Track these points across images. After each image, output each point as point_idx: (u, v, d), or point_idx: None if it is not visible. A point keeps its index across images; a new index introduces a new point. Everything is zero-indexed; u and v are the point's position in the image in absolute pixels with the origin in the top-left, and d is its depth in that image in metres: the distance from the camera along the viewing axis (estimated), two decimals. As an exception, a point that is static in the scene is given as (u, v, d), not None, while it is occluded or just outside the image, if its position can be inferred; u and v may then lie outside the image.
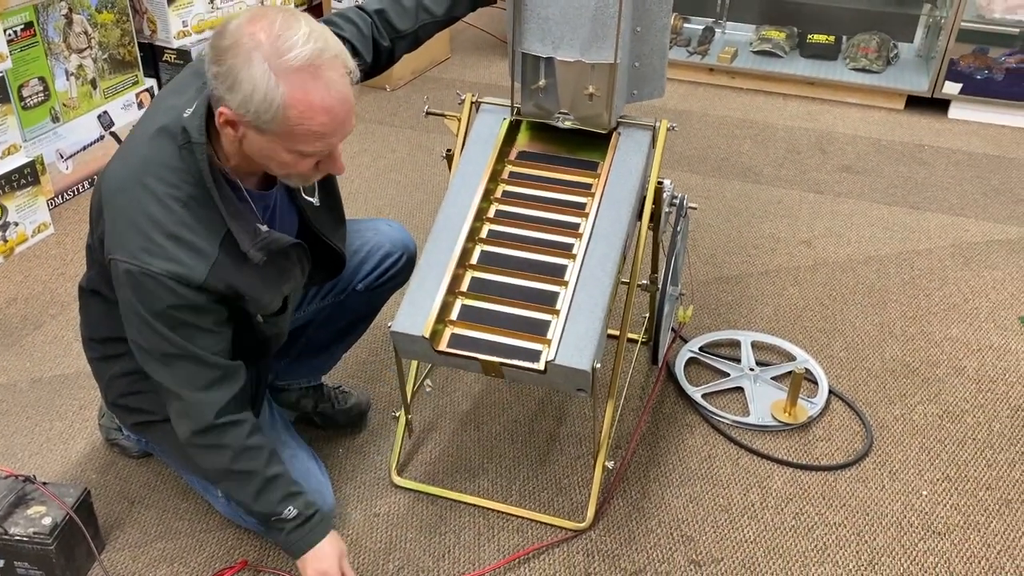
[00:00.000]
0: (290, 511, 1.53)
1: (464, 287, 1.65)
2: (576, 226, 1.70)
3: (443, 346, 1.59)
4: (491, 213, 1.73)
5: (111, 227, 1.40)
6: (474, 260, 1.68)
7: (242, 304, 1.46)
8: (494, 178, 1.76)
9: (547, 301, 1.61)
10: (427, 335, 1.56)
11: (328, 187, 1.66)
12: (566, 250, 1.67)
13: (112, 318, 1.58)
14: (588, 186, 1.75)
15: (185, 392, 1.45)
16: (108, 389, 1.69)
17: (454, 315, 1.62)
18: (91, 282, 1.61)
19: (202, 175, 1.36)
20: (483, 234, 1.71)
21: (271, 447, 1.55)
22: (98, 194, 1.45)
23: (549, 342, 1.56)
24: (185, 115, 1.37)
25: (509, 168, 1.80)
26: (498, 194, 1.76)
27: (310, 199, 1.59)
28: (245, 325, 1.52)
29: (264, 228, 1.43)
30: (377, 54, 1.71)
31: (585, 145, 1.81)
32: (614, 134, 1.79)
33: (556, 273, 1.65)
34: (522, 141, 1.84)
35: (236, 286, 1.42)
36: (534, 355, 1.56)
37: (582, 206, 1.72)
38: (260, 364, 1.64)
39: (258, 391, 1.67)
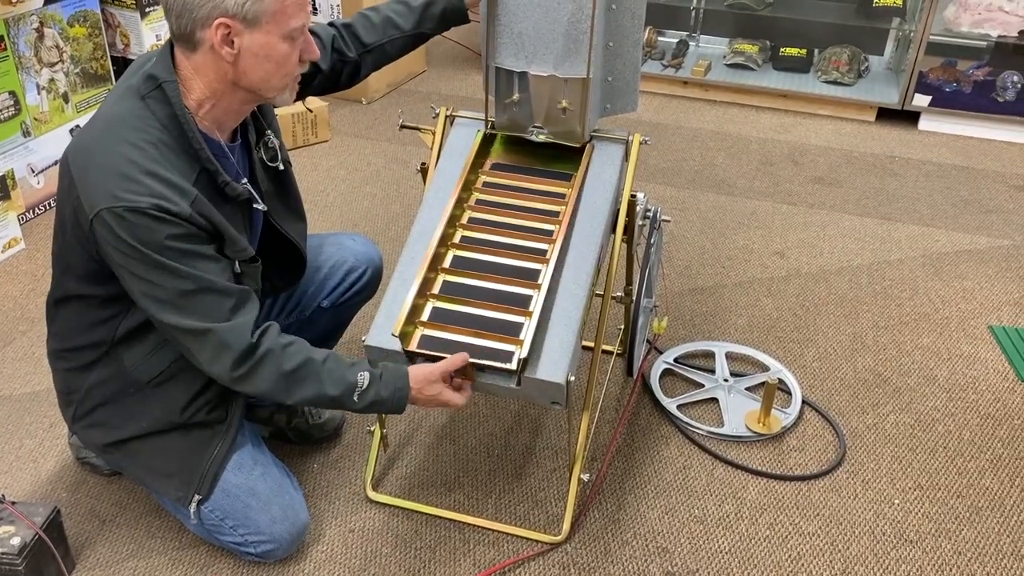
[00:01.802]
0: (362, 376, 1.50)
1: (435, 290, 1.64)
2: (550, 233, 1.70)
3: (413, 346, 1.57)
4: (464, 220, 1.73)
5: (85, 185, 1.39)
6: (446, 264, 1.67)
7: (222, 247, 1.46)
8: (467, 188, 1.76)
9: (519, 303, 1.61)
10: (396, 334, 1.54)
11: (285, 182, 1.66)
12: (539, 255, 1.67)
13: (85, 323, 1.57)
14: (562, 196, 1.76)
15: (215, 325, 1.42)
16: (80, 403, 1.67)
17: (425, 316, 1.61)
18: (59, 290, 1.59)
19: (169, 119, 1.40)
20: (456, 240, 1.71)
21: (300, 339, 1.52)
22: (66, 165, 1.45)
23: (521, 343, 1.55)
24: (146, 68, 1.42)
25: (483, 178, 1.80)
26: (471, 203, 1.76)
27: (275, 165, 1.61)
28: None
29: (226, 177, 1.46)
30: (342, 66, 1.73)
31: (559, 158, 1.82)
32: (587, 147, 1.80)
33: (529, 277, 1.64)
34: (496, 153, 1.85)
35: (215, 223, 1.43)
36: (506, 356, 1.54)
37: (555, 214, 1.73)
38: None
39: None
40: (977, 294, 2.59)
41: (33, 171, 2.87)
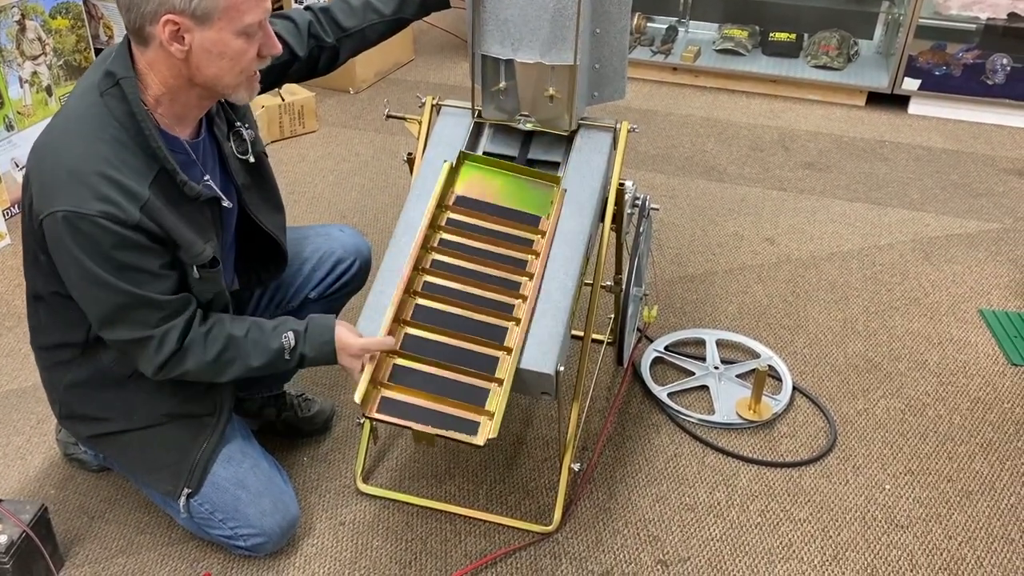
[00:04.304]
0: (287, 337, 1.50)
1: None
2: (531, 242, 1.66)
3: (372, 411, 1.50)
4: (428, 264, 1.64)
5: (39, 187, 1.38)
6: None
7: (177, 253, 1.44)
8: (426, 245, 1.65)
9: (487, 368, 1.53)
10: (358, 400, 1.47)
11: (261, 173, 1.64)
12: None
13: (59, 322, 1.56)
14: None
15: (144, 334, 1.43)
16: (63, 400, 1.66)
17: (385, 377, 1.54)
18: (31, 287, 1.58)
19: (127, 117, 1.37)
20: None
21: (221, 317, 1.51)
22: (27, 167, 1.44)
23: (490, 413, 1.49)
24: (106, 64, 1.40)
25: (441, 236, 1.70)
26: (435, 243, 1.66)
27: (245, 157, 1.58)
28: (184, 285, 1.48)
29: (183, 177, 1.43)
30: (319, 52, 1.71)
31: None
32: (575, 136, 1.78)
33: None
34: (461, 185, 1.74)
35: (168, 228, 1.40)
36: (471, 426, 1.47)
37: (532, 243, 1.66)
38: None
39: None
40: (967, 278, 2.59)
41: (17, 165, 2.84)
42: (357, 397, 1.47)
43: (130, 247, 1.37)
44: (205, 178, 1.49)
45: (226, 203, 1.53)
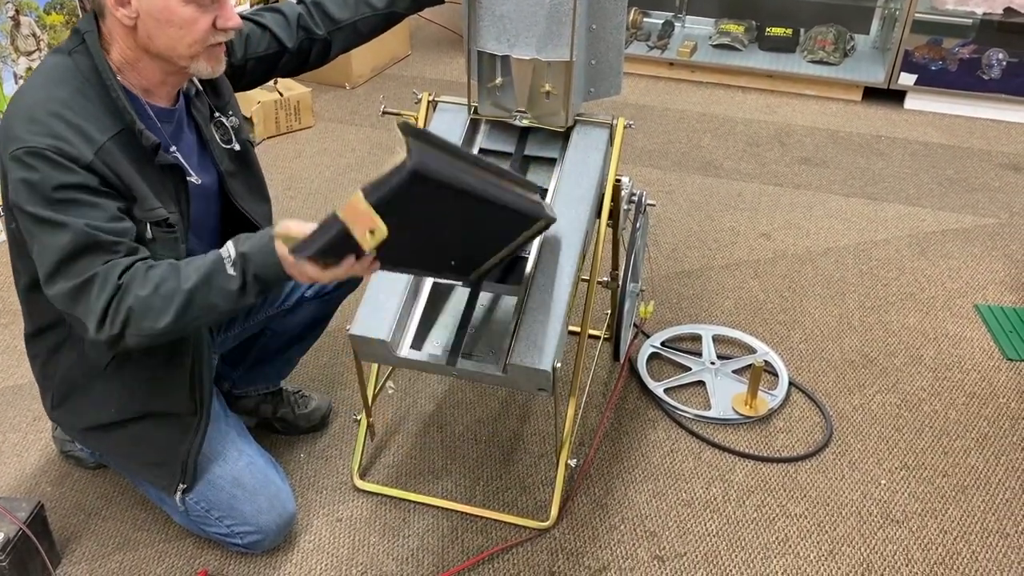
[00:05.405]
0: (228, 250, 1.33)
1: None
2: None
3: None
4: None
5: (2, 141, 1.35)
6: None
7: (131, 208, 1.39)
8: None
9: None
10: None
11: (247, 161, 1.63)
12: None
13: (36, 307, 1.52)
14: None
15: (92, 271, 1.31)
16: (56, 389, 1.63)
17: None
18: (13, 267, 1.55)
19: (91, 71, 1.37)
20: None
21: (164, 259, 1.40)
22: None
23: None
24: (74, 25, 1.40)
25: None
26: None
27: (229, 146, 1.57)
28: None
29: (141, 125, 1.39)
30: (310, 44, 1.70)
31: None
32: (572, 132, 1.78)
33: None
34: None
35: (124, 177, 1.37)
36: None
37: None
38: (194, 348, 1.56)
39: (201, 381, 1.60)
40: (963, 273, 2.59)
41: (12, 161, 2.83)
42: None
43: (79, 187, 1.32)
44: (172, 149, 1.47)
45: (192, 178, 1.50)
